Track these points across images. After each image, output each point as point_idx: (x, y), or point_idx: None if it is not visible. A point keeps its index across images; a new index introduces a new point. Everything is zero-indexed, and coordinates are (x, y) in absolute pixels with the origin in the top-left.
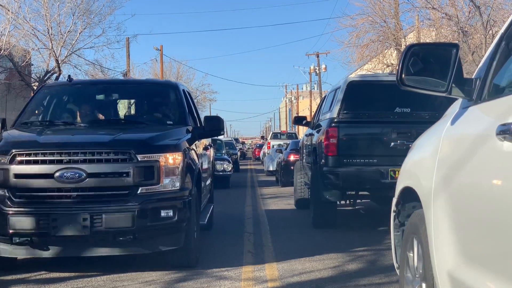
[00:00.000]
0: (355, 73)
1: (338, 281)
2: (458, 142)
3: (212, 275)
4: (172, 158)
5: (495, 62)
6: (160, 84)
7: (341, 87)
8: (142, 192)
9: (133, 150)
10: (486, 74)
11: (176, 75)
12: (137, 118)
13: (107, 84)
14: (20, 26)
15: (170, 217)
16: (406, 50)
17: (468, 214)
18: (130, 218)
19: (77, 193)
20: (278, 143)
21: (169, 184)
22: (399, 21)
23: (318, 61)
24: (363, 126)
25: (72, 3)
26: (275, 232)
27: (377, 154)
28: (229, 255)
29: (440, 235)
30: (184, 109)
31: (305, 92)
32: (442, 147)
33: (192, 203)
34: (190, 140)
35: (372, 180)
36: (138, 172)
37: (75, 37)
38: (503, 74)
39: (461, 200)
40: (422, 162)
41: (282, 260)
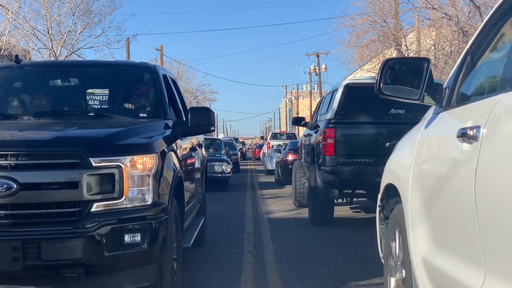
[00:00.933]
0: (355, 73)
1: (338, 281)
2: (429, 143)
3: (213, 275)
4: (142, 162)
5: (462, 73)
6: (132, 66)
7: (338, 89)
8: (98, 209)
9: (85, 151)
10: (454, 84)
11: (176, 75)
12: (101, 109)
13: (65, 66)
14: (20, 26)
15: (137, 243)
16: (384, 63)
17: (435, 205)
18: (79, 246)
19: (4, 211)
20: (277, 143)
21: (136, 197)
22: (399, 21)
23: (318, 61)
24: (360, 127)
25: (72, 3)
26: (275, 232)
27: (373, 153)
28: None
29: (415, 226)
30: (163, 99)
31: (305, 92)
32: (417, 148)
33: (170, 222)
34: (168, 138)
35: (368, 179)
36: (91, 182)
37: (75, 37)
38: (468, 84)
39: (430, 194)
40: (401, 161)
41: (282, 260)
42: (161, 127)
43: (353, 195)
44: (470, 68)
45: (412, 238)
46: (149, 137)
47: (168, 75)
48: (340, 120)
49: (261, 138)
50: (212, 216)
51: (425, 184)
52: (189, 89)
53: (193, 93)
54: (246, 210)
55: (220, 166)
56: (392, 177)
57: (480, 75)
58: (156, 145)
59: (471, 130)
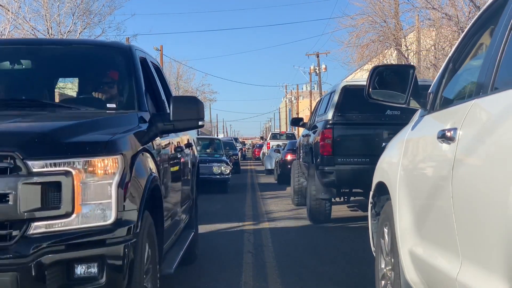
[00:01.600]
0: (355, 73)
1: (338, 281)
2: (414, 144)
3: (213, 275)
4: (101, 166)
5: (444, 79)
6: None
7: (336, 91)
8: (38, 232)
9: (20, 151)
10: (437, 89)
11: (176, 75)
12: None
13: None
14: (20, 26)
15: (93, 277)
16: (372, 70)
17: (419, 201)
18: (9, 283)
19: None
20: (277, 143)
21: (93, 214)
22: (399, 21)
23: (318, 61)
24: (356, 128)
25: (72, 3)
26: (274, 231)
27: (370, 153)
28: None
29: (402, 220)
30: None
31: (305, 92)
32: (404, 148)
33: (140, 246)
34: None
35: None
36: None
37: (75, 37)
38: (450, 89)
39: (414, 191)
40: (390, 161)
41: (282, 260)
42: (134, 121)
43: (350, 193)
44: (452, 75)
45: (400, 232)
46: (113, 133)
47: (149, 59)
48: (338, 121)
49: (260, 138)
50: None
51: (410, 181)
52: (189, 89)
53: (193, 93)
54: (246, 209)
55: (219, 167)
56: (383, 175)
57: (460, 81)
58: (121, 144)
59: (449, 132)
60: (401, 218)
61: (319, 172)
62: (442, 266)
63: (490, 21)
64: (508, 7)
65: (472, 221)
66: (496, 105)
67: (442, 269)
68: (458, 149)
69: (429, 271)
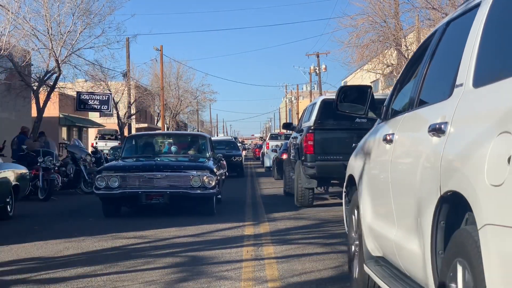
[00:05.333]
0: (355, 73)
1: (338, 281)
2: (370, 144)
3: (212, 275)
4: None
5: (393, 96)
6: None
7: (317, 103)
8: None
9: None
10: (389, 103)
11: (176, 75)
12: None
13: None
14: (20, 26)
15: None
16: (339, 89)
17: (372, 188)
18: None
19: None
20: (276, 143)
21: None
22: (399, 21)
23: (318, 61)
24: (333, 132)
25: (72, 3)
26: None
27: (343, 152)
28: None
29: (364, 204)
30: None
31: (305, 92)
32: (364, 148)
33: None
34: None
35: (339, 172)
36: None
37: (75, 37)
38: (397, 104)
39: (369, 181)
40: (356, 158)
41: (282, 259)
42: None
43: (328, 184)
44: (398, 93)
45: (362, 213)
46: None
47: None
48: (318, 127)
49: (260, 139)
50: None
51: (366, 173)
52: (189, 89)
53: (193, 93)
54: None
55: (199, 177)
56: (352, 170)
57: (402, 98)
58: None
59: (389, 136)
60: (363, 201)
61: (304, 167)
62: (386, 233)
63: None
64: (430, 48)
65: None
66: (415, 118)
67: (386, 235)
68: (394, 149)
69: (379, 238)
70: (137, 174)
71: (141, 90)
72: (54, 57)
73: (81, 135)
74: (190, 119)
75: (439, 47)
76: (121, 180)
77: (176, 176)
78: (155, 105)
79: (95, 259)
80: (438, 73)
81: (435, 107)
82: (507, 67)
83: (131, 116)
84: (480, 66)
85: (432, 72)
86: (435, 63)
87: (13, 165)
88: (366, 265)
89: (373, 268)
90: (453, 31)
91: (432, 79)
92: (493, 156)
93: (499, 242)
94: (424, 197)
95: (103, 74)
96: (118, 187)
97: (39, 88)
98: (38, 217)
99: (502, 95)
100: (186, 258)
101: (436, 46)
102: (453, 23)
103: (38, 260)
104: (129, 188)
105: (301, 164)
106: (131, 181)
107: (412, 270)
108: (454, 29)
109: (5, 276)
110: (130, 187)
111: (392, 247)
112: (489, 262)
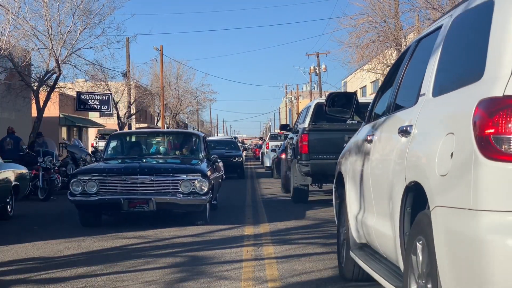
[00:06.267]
0: (355, 73)
1: (338, 281)
2: (355, 144)
3: (212, 275)
4: None
5: (375, 101)
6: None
7: (311, 106)
8: None
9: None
10: (372, 108)
11: (176, 75)
12: None
13: None
14: (20, 26)
15: None
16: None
17: (356, 183)
18: None
19: None
20: (275, 143)
21: None
22: (399, 21)
23: (318, 61)
24: (325, 133)
25: (72, 3)
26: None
27: (335, 151)
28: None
29: (350, 197)
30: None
31: (305, 92)
32: (351, 147)
33: None
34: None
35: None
36: None
37: (75, 37)
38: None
39: (354, 176)
40: (344, 156)
41: (282, 259)
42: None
43: (321, 181)
44: (379, 99)
45: (349, 205)
46: None
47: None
48: (312, 128)
49: (260, 139)
50: None
51: (352, 170)
52: (189, 89)
53: (193, 93)
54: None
55: (189, 181)
56: (340, 167)
57: (382, 104)
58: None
59: (370, 136)
60: (349, 195)
61: (299, 165)
62: (368, 221)
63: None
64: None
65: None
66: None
67: (367, 223)
68: (373, 148)
69: (363, 226)
70: (118, 178)
71: (141, 90)
72: (54, 57)
73: (81, 135)
74: (190, 119)
75: (411, 61)
76: (100, 184)
77: (163, 180)
78: (155, 105)
79: (95, 259)
80: (409, 83)
81: (405, 112)
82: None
83: (131, 116)
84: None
85: (405, 82)
86: (407, 75)
87: (13, 165)
88: (352, 251)
89: (357, 253)
90: (421, 48)
91: (404, 88)
92: (441, 153)
93: (445, 220)
94: (394, 188)
95: (103, 74)
96: (97, 192)
97: (39, 88)
98: (38, 217)
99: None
100: (186, 258)
101: (408, 60)
102: (422, 41)
103: (38, 260)
104: (109, 194)
105: (296, 162)
106: (111, 186)
107: (386, 250)
108: (422, 46)
109: (5, 276)
110: (110, 192)
111: (372, 233)
112: (438, 236)
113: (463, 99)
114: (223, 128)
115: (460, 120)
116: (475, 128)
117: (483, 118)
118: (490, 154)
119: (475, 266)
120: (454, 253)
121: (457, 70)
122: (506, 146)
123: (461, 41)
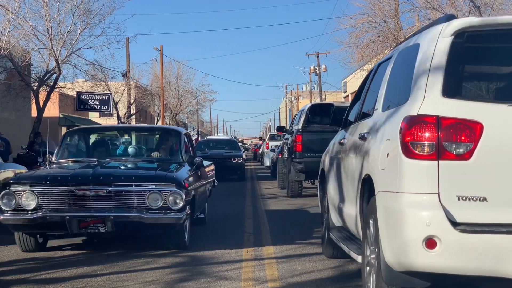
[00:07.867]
0: (355, 73)
1: (338, 281)
2: (333, 145)
3: (212, 275)
4: None
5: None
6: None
7: (305, 109)
8: None
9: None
10: (346, 115)
11: (176, 75)
12: None
13: None
14: (20, 26)
15: None
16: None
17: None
18: None
19: None
20: (275, 143)
21: None
22: (399, 21)
23: (318, 61)
24: (317, 134)
25: (72, 3)
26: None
27: None
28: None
29: (329, 188)
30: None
31: (305, 92)
32: (330, 148)
33: None
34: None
35: None
36: None
37: (75, 37)
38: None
39: (332, 172)
40: (326, 155)
41: (282, 259)
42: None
43: (314, 177)
44: (351, 109)
45: (328, 195)
46: None
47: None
48: (305, 129)
49: (259, 139)
50: None
51: (330, 166)
52: (189, 89)
53: (193, 93)
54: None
55: (159, 194)
56: (323, 164)
57: (353, 114)
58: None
59: (343, 140)
60: (329, 187)
61: (293, 163)
62: (342, 206)
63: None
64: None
65: (347, 182)
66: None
67: (341, 208)
68: (344, 148)
69: (338, 211)
70: (64, 188)
71: (141, 90)
72: (54, 57)
73: None
74: (190, 119)
75: (373, 80)
76: (40, 198)
77: (124, 191)
78: (155, 105)
79: (95, 259)
80: (370, 98)
81: (365, 122)
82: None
83: (131, 116)
84: (386, 97)
85: (368, 97)
86: (370, 91)
87: (13, 165)
88: (331, 233)
89: (335, 234)
90: (380, 71)
91: (367, 102)
92: (382, 153)
93: (383, 200)
94: (356, 179)
95: (103, 74)
96: (36, 208)
97: (39, 88)
98: None
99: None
100: (186, 258)
101: (371, 79)
102: (381, 65)
103: (38, 260)
104: (53, 211)
105: (291, 160)
106: (56, 199)
107: (352, 227)
108: (380, 70)
109: (5, 276)
110: (54, 209)
111: (344, 215)
112: (379, 211)
113: (396, 115)
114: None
115: (393, 130)
116: (400, 136)
117: (405, 129)
118: (408, 154)
119: (398, 227)
120: (387, 221)
121: (396, 92)
122: (419, 149)
123: (400, 70)
